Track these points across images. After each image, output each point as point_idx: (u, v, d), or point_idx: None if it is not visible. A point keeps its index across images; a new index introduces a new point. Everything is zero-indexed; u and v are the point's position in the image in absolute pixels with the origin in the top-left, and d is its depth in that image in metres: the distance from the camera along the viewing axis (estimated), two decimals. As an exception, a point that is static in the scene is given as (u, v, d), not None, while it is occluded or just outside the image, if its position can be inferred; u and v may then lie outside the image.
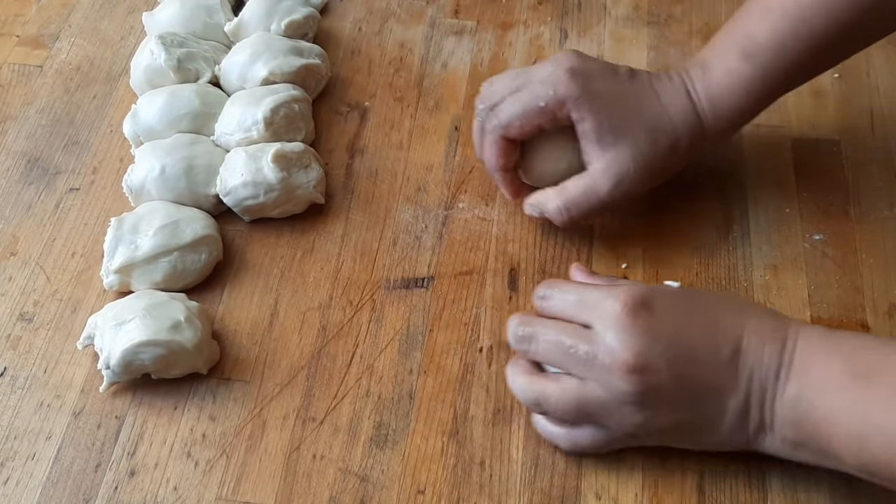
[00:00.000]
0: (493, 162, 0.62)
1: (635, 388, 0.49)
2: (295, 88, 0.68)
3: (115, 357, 0.55)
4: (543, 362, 0.53)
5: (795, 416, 0.48)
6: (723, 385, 0.49)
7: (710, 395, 0.49)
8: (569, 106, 0.59)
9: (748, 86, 0.59)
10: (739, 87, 0.59)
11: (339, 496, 0.54)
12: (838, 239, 0.64)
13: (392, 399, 0.57)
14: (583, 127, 0.59)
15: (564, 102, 0.59)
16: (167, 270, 0.60)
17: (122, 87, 0.74)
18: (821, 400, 0.47)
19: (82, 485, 0.54)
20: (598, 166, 0.59)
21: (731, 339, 0.49)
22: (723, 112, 0.60)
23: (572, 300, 0.52)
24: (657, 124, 0.60)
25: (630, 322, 0.49)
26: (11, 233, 0.66)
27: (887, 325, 0.60)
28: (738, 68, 0.59)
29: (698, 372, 0.49)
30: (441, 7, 0.79)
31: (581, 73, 0.59)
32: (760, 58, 0.59)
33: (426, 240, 0.65)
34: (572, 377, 0.51)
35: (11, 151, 0.70)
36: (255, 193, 0.63)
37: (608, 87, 0.60)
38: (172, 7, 0.73)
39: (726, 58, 0.60)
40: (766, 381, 0.49)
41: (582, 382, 0.50)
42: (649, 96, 0.60)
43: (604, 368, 0.49)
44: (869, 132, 0.70)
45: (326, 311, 0.61)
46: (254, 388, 0.58)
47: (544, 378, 0.52)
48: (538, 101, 0.59)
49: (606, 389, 0.50)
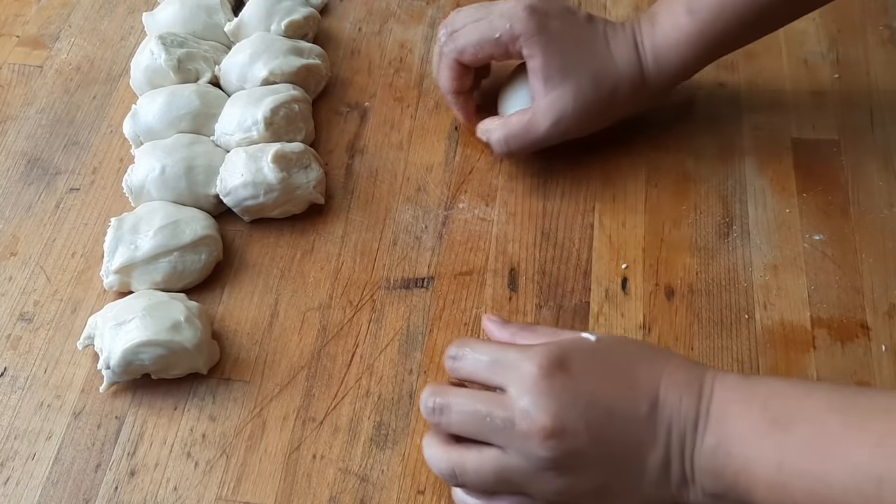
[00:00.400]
0: (446, 85, 0.67)
1: (554, 453, 0.46)
2: (295, 88, 0.68)
3: (115, 357, 0.55)
4: (459, 433, 0.50)
5: (715, 467, 0.46)
6: (642, 441, 0.47)
7: (631, 452, 0.47)
8: (521, 42, 0.62)
9: (690, 40, 0.61)
10: (682, 42, 0.61)
11: (339, 496, 0.54)
12: (838, 239, 0.64)
13: (392, 399, 0.57)
14: (532, 64, 0.62)
15: (518, 38, 0.62)
16: (167, 270, 0.60)
17: (122, 87, 0.74)
18: (739, 449, 0.45)
19: (82, 485, 0.54)
20: (541, 104, 0.62)
21: (648, 392, 0.48)
22: (664, 65, 0.62)
23: (485, 361, 0.50)
24: (602, 71, 0.62)
25: (546, 385, 0.47)
26: (11, 233, 0.66)
27: (887, 325, 0.60)
28: (682, 23, 0.61)
29: (617, 430, 0.47)
30: (441, 7, 0.79)
31: (538, 12, 0.62)
32: (703, 14, 0.60)
33: (426, 240, 0.65)
34: (490, 446, 0.48)
35: (11, 151, 0.70)
36: (255, 194, 0.63)
37: (563, 28, 0.62)
38: (172, 7, 0.73)
39: (673, 12, 0.62)
40: (684, 432, 0.47)
41: (500, 451, 0.48)
42: (600, 43, 0.63)
43: (521, 435, 0.47)
44: (869, 132, 0.70)
45: (326, 311, 0.61)
46: (254, 388, 0.58)
47: (461, 448, 0.49)
48: (494, 33, 0.62)
49: (525, 457, 0.47)
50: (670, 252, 0.63)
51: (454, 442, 0.50)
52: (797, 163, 0.68)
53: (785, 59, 0.74)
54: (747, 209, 0.65)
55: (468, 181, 0.68)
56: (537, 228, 0.65)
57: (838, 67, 0.73)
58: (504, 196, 0.66)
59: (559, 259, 0.63)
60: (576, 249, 0.64)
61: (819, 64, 0.74)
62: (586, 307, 0.61)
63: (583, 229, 0.65)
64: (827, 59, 0.74)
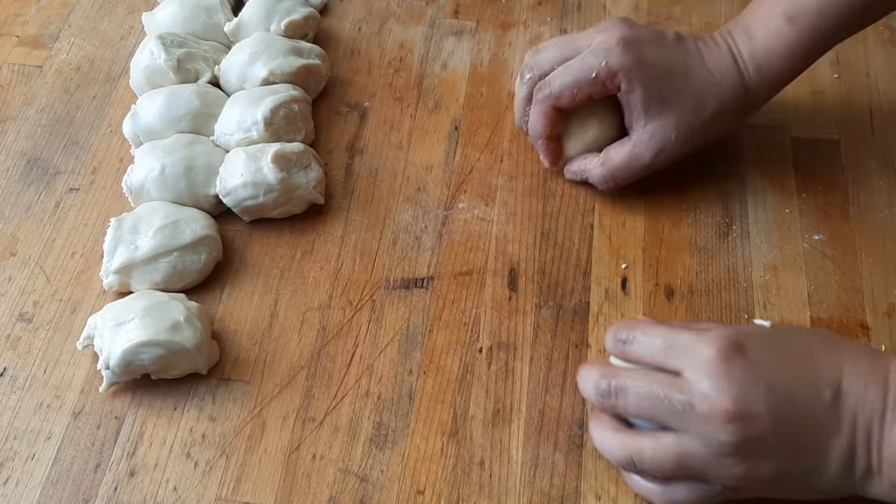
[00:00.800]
0: (539, 131, 0.64)
1: (736, 437, 0.46)
2: (295, 89, 0.68)
3: (115, 357, 0.55)
4: (633, 416, 0.50)
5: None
6: (826, 428, 0.46)
7: (813, 439, 0.47)
8: (620, 77, 0.60)
9: (794, 46, 0.60)
10: (787, 50, 0.60)
11: (339, 496, 0.54)
12: (838, 239, 0.64)
13: (392, 399, 0.57)
14: (632, 97, 0.60)
15: (616, 73, 0.60)
16: (167, 271, 0.60)
17: (122, 87, 0.74)
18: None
19: (82, 485, 0.54)
20: (642, 135, 0.61)
21: (830, 379, 0.47)
22: (768, 75, 0.61)
23: (659, 345, 0.49)
24: (704, 90, 0.60)
25: (725, 367, 0.46)
26: (11, 233, 0.66)
27: (886, 326, 0.60)
28: (784, 31, 0.59)
29: (800, 416, 0.46)
30: (441, 7, 0.79)
31: (632, 43, 0.60)
32: (804, 20, 0.59)
33: (426, 240, 0.65)
34: (667, 431, 0.48)
35: (11, 151, 0.70)
36: (255, 194, 0.63)
37: (658, 55, 0.61)
38: (172, 7, 0.73)
39: (770, 21, 0.60)
40: (870, 422, 0.46)
41: (678, 436, 0.47)
42: (697, 63, 0.61)
43: (702, 418, 0.46)
44: (869, 132, 0.70)
45: (326, 311, 0.61)
46: (253, 388, 0.58)
47: (637, 434, 0.49)
48: (590, 72, 0.60)
49: (705, 441, 0.47)
50: (670, 252, 0.63)
51: (625, 427, 0.50)
52: (797, 163, 0.68)
53: (785, 58, 0.74)
54: (747, 209, 0.65)
55: (468, 181, 0.68)
56: (537, 228, 0.65)
57: (838, 67, 0.73)
58: (504, 196, 0.66)
59: (559, 259, 0.63)
60: (576, 249, 0.64)
61: (819, 64, 0.73)
62: (586, 307, 0.61)
63: (583, 229, 0.65)
64: (827, 59, 0.74)
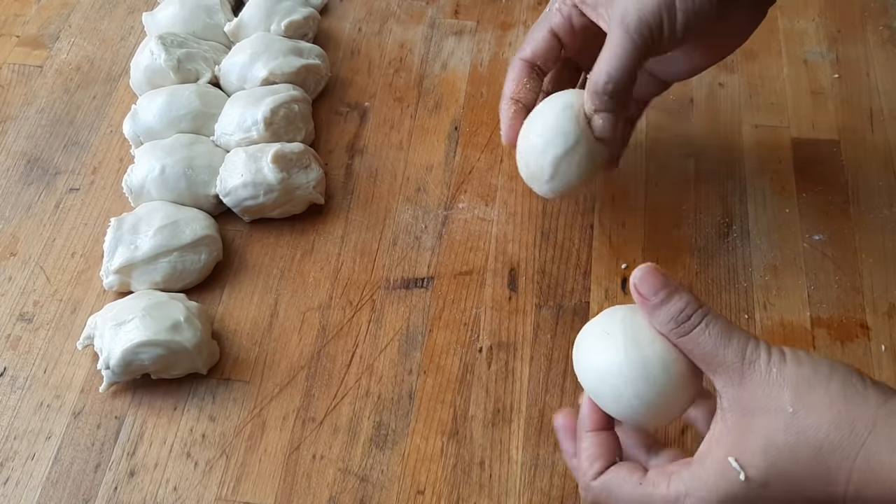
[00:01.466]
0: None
1: None
2: (295, 89, 0.68)
3: (115, 357, 0.55)
4: None
5: None
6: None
7: None
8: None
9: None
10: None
11: (339, 496, 0.54)
12: (838, 239, 0.64)
13: (392, 399, 0.57)
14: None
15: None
16: (167, 271, 0.60)
17: (122, 87, 0.74)
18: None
19: (82, 485, 0.54)
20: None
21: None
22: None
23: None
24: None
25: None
26: (11, 233, 0.66)
27: (887, 326, 0.60)
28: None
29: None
30: (441, 7, 0.79)
31: None
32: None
33: (426, 240, 0.65)
34: None
35: (11, 151, 0.70)
36: (255, 194, 0.63)
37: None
38: (172, 7, 0.73)
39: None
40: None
41: None
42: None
43: None
44: (869, 132, 0.70)
45: (326, 311, 0.61)
46: (253, 388, 0.58)
47: None
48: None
49: None
50: (670, 252, 0.63)
51: None
52: (797, 163, 0.68)
53: (785, 58, 0.74)
54: (747, 209, 0.65)
55: (468, 181, 0.68)
56: (537, 228, 0.65)
57: (838, 67, 0.73)
58: (504, 196, 0.66)
59: (559, 259, 0.63)
60: (576, 249, 0.64)
61: (819, 64, 0.74)
62: (586, 307, 0.61)
63: (583, 229, 0.65)
64: (827, 59, 0.74)
